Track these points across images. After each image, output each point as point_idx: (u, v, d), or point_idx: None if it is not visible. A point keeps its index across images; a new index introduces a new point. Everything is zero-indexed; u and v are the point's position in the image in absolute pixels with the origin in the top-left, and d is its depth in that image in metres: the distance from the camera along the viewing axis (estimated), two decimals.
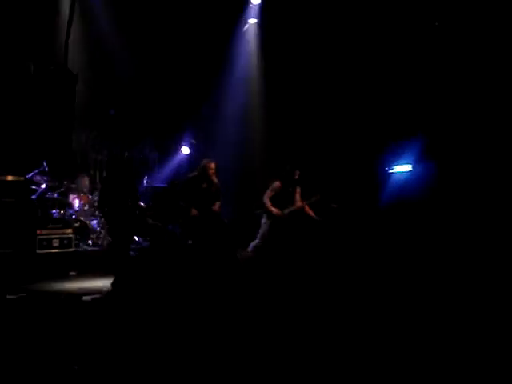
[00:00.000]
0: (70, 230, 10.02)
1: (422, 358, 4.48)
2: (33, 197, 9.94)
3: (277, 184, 8.91)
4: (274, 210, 8.82)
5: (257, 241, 8.99)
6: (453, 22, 9.13)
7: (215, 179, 8.66)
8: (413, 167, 9.88)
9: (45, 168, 10.27)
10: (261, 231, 8.99)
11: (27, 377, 4.58)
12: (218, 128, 12.28)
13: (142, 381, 4.34)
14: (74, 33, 8.98)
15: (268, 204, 8.86)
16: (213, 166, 8.70)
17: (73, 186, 10.82)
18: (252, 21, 11.82)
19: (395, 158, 10.14)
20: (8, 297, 7.01)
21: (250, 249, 8.80)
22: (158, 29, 11.37)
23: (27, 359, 5.00)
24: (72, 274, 9.37)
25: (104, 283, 7.71)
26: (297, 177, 8.91)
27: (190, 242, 8.80)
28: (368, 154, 10.35)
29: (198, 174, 8.70)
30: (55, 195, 10.52)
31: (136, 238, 9.88)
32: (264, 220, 8.97)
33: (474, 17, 8.83)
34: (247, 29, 11.93)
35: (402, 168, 10.02)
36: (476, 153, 8.87)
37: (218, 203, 8.69)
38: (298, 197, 8.95)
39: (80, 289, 7.85)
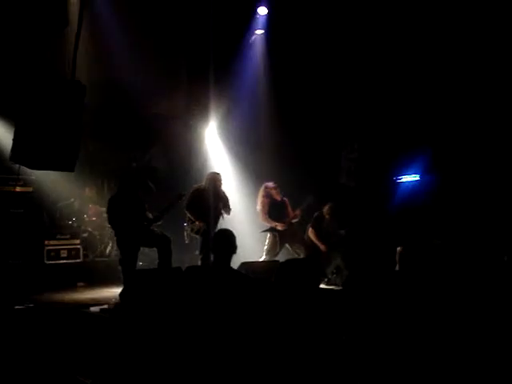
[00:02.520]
0: (77, 241, 10.06)
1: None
2: (41, 208, 9.97)
3: (262, 201, 9.19)
4: (278, 224, 9.06)
5: (264, 256, 9.05)
6: (461, 38, 9.14)
7: (222, 191, 8.68)
8: (420, 177, 9.93)
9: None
10: (267, 247, 9.10)
11: None
12: (226, 140, 12.34)
13: None
14: (82, 44, 9.02)
15: (269, 222, 9.12)
16: (220, 177, 8.73)
17: (80, 196, 10.86)
18: (259, 32, 11.83)
19: (403, 169, 10.18)
20: (16, 307, 7.02)
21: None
22: (165, 39, 11.41)
23: (35, 370, 5.00)
24: (80, 284, 9.39)
25: (112, 294, 7.72)
26: (274, 187, 9.16)
27: (197, 252, 8.82)
28: (378, 164, 10.39)
29: (204, 186, 8.70)
30: (63, 206, 10.54)
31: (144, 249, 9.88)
32: (269, 236, 9.09)
33: (483, 34, 8.84)
34: (254, 40, 11.95)
35: (410, 178, 10.09)
36: (479, 164, 8.94)
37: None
38: (289, 206, 9.25)
39: (88, 299, 7.86)
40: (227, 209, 8.68)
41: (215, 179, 8.68)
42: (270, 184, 9.26)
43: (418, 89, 9.60)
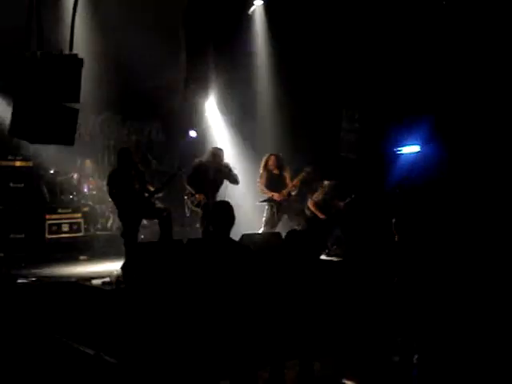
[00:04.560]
0: (79, 215, 10.08)
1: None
2: (42, 182, 9.98)
3: (261, 173, 9.25)
4: (274, 194, 9.07)
5: (262, 228, 9.09)
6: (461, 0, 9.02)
7: (225, 165, 8.69)
8: (421, 148, 9.79)
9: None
10: (265, 218, 9.14)
11: (38, 359, 4.63)
12: (225, 109, 12.29)
13: (150, 363, 4.37)
14: (80, 17, 8.96)
15: (266, 192, 9.15)
16: (221, 153, 8.76)
17: (80, 170, 10.86)
18: (258, 2, 11.71)
19: (403, 139, 10.04)
20: (19, 281, 7.07)
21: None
22: (164, 9, 11.28)
23: (38, 342, 5.05)
24: (82, 258, 9.43)
25: (114, 267, 7.76)
26: (272, 161, 9.19)
27: (198, 225, 8.86)
28: (375, 134, 10.28)
29: (205, 161, 8.71)
30: (64, 180, 10.54)
31: (145, 222, 9.90)
32: (267, 207, 9.13)
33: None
34: (254, 11, 11.84)
35: (410, 149, 9.93)
36: (488, 132, 8.74)
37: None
38: (288, 179, 9.23)
39: (90, 273, 7.90)
40: (233, 180, 8.72)
41: (216, 154, 8.70)
42: (272, 156, 9.27)
43: (418, 51, 9.43)
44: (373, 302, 5.48)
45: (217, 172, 8.59)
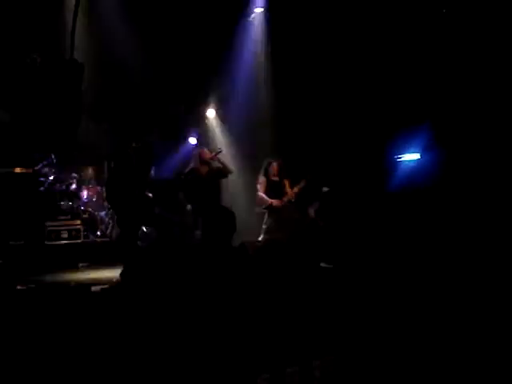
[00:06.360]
0: (78, 222, 10.07)
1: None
2: (41, 189, 9.98)
3: (261, 179, 9.18)
4: (273, 201, 9.01)
5: (262, 236, 9.06)
6: (461, 9, 9.03)
7: (214, 164, 8.70)
8: (421, 155, 9.83)
9: (53, 160, 10.30)
10: (264, 226, 9.11)
11: (36, 367, 4.60)
12: (226, 117, 12.32)
13: (149, 372, 4.35)
14: (80, 22, 8.96)
15: (265, 199, 9.06)
16: (206, 150, 8.75)
17: (79, 177, 10.86)
18: (258, 10, 11.74)
19: (404, 147, 10.07)
20: (18, 288, 7.04)
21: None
22: (164, 17, 11.29)
23: (36, 349, 5.02)
24: (81, 265, 9.41)
25: (113, 274, 7.73)
26: (274, 168, 9.13)
27: (198, 232, 8.83)
28: (376, 141, 10.29)
29: (194, 165, 8.73)
30: (63, 187, 10.54)
31: (144, 229, 9.88)
32: (266, 215, 9.11)
33: (483, 4, 8.73)
34: (254, 18, 11.86)
35: (411, 156, 9.97)
36: (485, 141, 8.77)
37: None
38: (288, 186, 9.19)
39: (89, 279, 7.88)
40: (227, 171, 8.73)
41: (198, 154, 8.73)
42: (272, 162, 9.23)
43: (418, 61, 9.46)
44: (374, 307, 5.45)
45: (210, 176, 8.59)
